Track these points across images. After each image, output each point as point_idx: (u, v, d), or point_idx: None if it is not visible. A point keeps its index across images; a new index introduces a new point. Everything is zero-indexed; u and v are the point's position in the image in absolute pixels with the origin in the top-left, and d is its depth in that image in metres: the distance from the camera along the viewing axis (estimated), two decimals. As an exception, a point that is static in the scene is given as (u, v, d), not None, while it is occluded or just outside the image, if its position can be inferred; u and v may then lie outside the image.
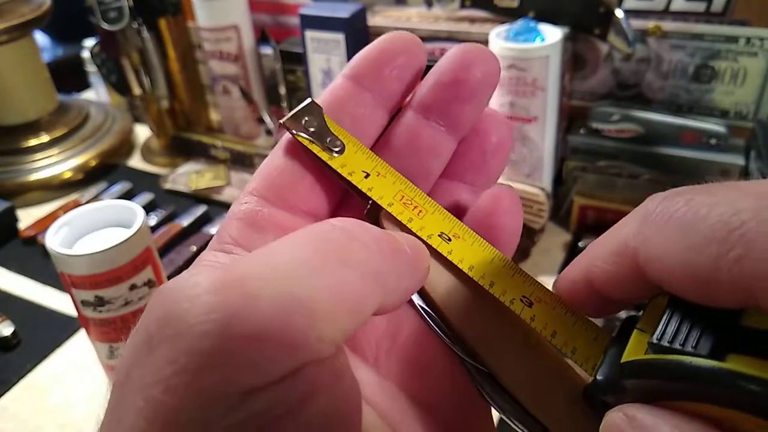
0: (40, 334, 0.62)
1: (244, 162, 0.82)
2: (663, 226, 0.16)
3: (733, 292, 0.15)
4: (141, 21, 0.79)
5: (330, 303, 0.16)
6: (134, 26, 0.78)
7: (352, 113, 0.23)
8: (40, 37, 1.32)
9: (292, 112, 0.22)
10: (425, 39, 0.75)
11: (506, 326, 0.21)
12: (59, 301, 0.66)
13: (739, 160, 0.64)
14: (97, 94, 1.03)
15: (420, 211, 0.22)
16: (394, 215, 0.22)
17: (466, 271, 0.21)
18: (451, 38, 0.73)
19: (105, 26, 0.77)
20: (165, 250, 0.69)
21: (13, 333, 0.61)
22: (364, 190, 0.22)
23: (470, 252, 0.21)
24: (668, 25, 0.66)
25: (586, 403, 0.19)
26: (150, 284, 0.45)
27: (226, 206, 0.77)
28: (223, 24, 0.80)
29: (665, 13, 0.67)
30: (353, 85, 0.23)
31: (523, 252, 0.66)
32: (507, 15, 0.70)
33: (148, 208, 0.76)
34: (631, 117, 0.67)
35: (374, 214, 0.22)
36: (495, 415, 0.22)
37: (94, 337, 0.46)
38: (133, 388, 0.15)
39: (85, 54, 0.98)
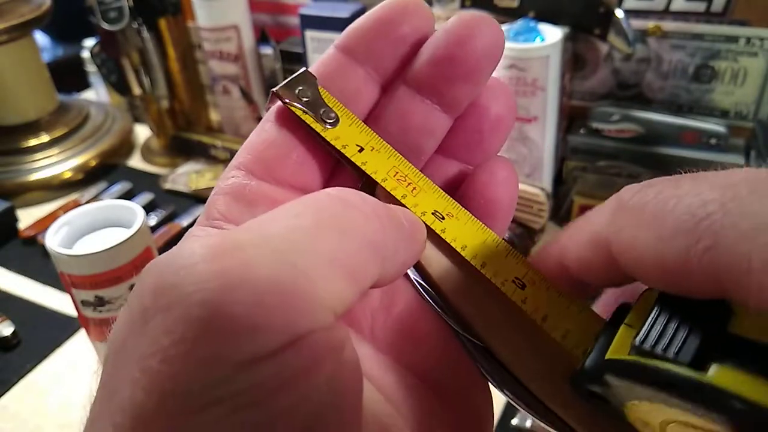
0: (40, 334, 0.62)
1: (244, 162, 0.82)
2: (635, 218, 0.16)
3: (705, 283, 0.15)
4: (141, 21, 0.79)
5: (329, 271, 0.15)
6: (134, 26, 0.78)
7: (341, 87, 0.22)
8: (40, 37, 1.32)
9: (286, 80, 0.21)
10: (425, 39, 0.75)
11: (503, 301, 0.21)
12: (59, 301, 0.66)
13: (739, 160, 0.64)
14: (97, 94, 1.03)
15: (414, 188, 0.21)
16: (388, 190, 0.21)
17: (459, 251, 0.21)
18: (451, 38, 0.73)
19: (105, 26, 0.77)
20: (165, 250, 0.68)
21: (13, 333, 0.61)
22: (357, 164, 0.21)
23: (464, 231, 0.21)
24: (668, 25, 0.66)
25: (574, 389, 0.19)
26: (150, 284, 0.45)
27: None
28: (223, 24, 0.80)
29: (665, 13, 0.67)
30: (344, 56, 0.22)
31: (523, 252, 0.66)
32: (507, 15, 0.70)
33: (148, 208, 0.76)
34: (631, 117, 0.67)
35: (369, 189, 0.21)
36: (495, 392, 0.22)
37: (94, 337, 0.45)
38: (129, 360, 0.14)
39: (85, 54, 0.98)
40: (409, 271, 0.22)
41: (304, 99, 0.21)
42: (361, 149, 0.21)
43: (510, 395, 0.20)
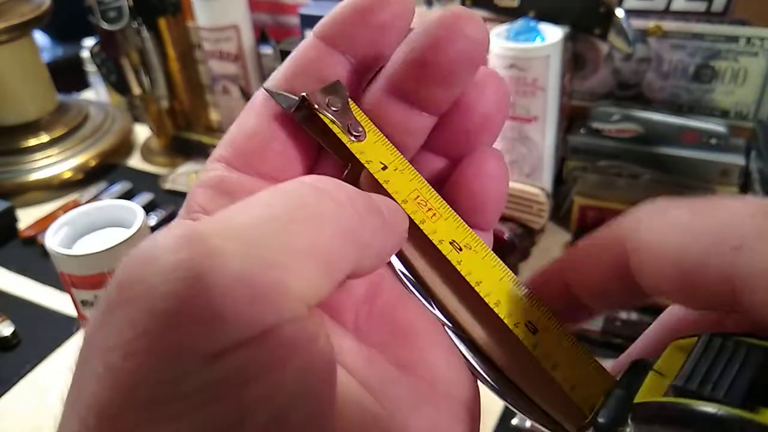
0: (40, 334, 0.62)
1: (244, 162, 0.82)
2: (657, 225, 0.17)
3: (718, 284, 0.15)
4: (141, 21, 0.79)
5: (301, 260, 0.15)
6: (134, 26, 0.78)
7: (321, 74, 0.21)
8: (40, 37, 1.32)
9: (321, 87, 0.21)
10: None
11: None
12: (59, 301, 0.66)
13: (739, 160, 0.64)
14: (96, 93, 1.03)
15: (434, 214, 0.21)
16: (408, 213, 0.21)
17: (473, 286, 0.20)
18: (451, 38, 0.73)
19: (105, 26, 0.77)
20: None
21: (13, 333, 0.61)
22: (381, 182, 0.21)
23: (480, 266, 0.21)
24: (669, 25, 0.66)
25: None
26: (150, 284, 0.45)
27: (226, 206, 0.77)
28: (223, 24, 0.80)
29: (666, 12, 0.67)
30: (323, 44, 0.21)
31: (523, 252, 0.66)
32: (507, 14, 0.70)
33: (148, 208, 0.76)
34: (631, 117, 0.67)
35: (354, 176, 0.21)
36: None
37: (94, 337, 0.46)
38: (93, 356, 0.14)
39: (85, 54, 0.98)
40: (393, 261, 0.21)
41: (333, 109, 0.20)
42: (385, 167, 0.21)
43: (494, 385, 0.20)
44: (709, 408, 0.14)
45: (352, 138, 0.20)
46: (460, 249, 0.21)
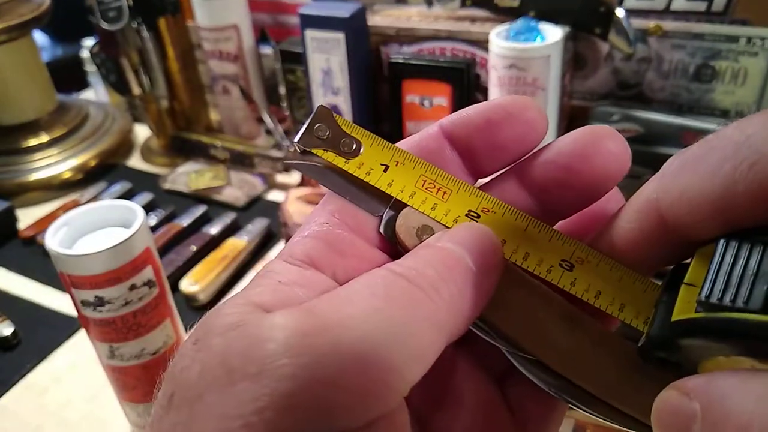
0: (40, 334, 0.62)
1: (244, 162, 0.82)
2: (680, 170, 0.17)
3: (752, 202, 0.15)
4: (140, 20, 0.79)
5: (403, 354, 0.16)
6: (134, 26, 0.78)
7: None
8: (40, 37, 1.32)
9: (304, 127, 0.21)
10: (425, 38, 0.75)
11: (542, 308, 0.20)
12: (59, 301, 0.66)
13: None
14: (96, 93, 1.03)
15: (444, 192, 0.21)
16: (417, 206, 0.21)
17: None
18: (452, 37, 0.73)
19: (104, 26, 0.77)
20: (165, 250, 0.69)
21: (13, 333, 0.61)
22: (383, 187, 0.21)
23: (502, 224, 0.20)
24: (669, 25, 0.66)
25: (643, 360, 0.18)
26: (150, 284, 0.45)
27: (225, 206, 0.77)
28: (223, 24, 0.80)
29: (666, 12, 0.67)
30: (445, 140, 0.21)
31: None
32: (507, 14, 0.70)
33: (148, 208, 0.76)
34: (631, 117, 0.67)
35: (390, 228, 0.21)
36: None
37: (95, 337, 0.45)
38: (209, 415, 0.15)
39: (85, 54, 0.98)
40: None
41: (323, 137, 0.21)
42: (386, 168, 0.21)
43: (571, 401, 0.20)
44: (731, 317, 0.15)
45: (350, 157, 0.21)
46: (478, 216, 0.21)
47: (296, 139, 0.21)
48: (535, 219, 0.20)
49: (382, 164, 0.21)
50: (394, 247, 0.21)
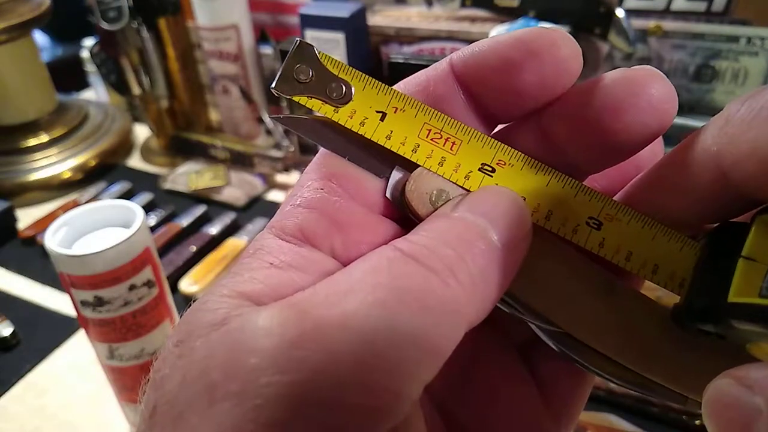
0: (40, 334, 0.62)
1: (244, 162, 0.82)
2: (751, 121, 0.14)
3: None
4: (140, 20, 0.79)
5: (413, 354, 0.14)
6: (134, 26, 0.78)
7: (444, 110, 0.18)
8: (40, 37, 1.32)
9: (281, 68, 0.18)
10: (425, 38, 0.75)
11: (573, 277, 0.18)
12: (59, 301, 0.66)
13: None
14: (96, 93, 1.03)
15: (453, 143, 0.18)
16: (422, 161, 0.18)
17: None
18: (452, 37, 0.73)
19: (104, 26, 0.77)
20: (164, 250, 0.69)
21: (13, 333, 0.61)
22: (380, 140, 0.18)
23: (521, 179, 0.18)
24: (669, 25, 0.66)
25: (679, 327, 0.16)
26: (149, 284, 0.45)
27: (225, 206, 0.77)
28: (223, 23, 0.80)
29: (666, 12, 0.66)
30: (455, 83, 0.18)
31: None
32: (507, 14, 0.70)
33: (148, 208, 0.76)
34: (631, 117, 0.67)
35: (398, 192, 0.18)
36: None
37: (94, 337, 0.45)
38: None
39: (85, 54, 0.98)
40: None
41: (305, 80, 0.18)
42: (384, 115, 0.18)
43: (608, 377, 0.18)
44: None
45: (339, 105, 0.18)
46: (493, 170, 0.18)
47: (273, 84, 0.18)
48: (558, 172, 0.18)
49: (378, 111, 0.18)
50: (403, 214, 0.18)
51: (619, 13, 0.64)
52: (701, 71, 0.66)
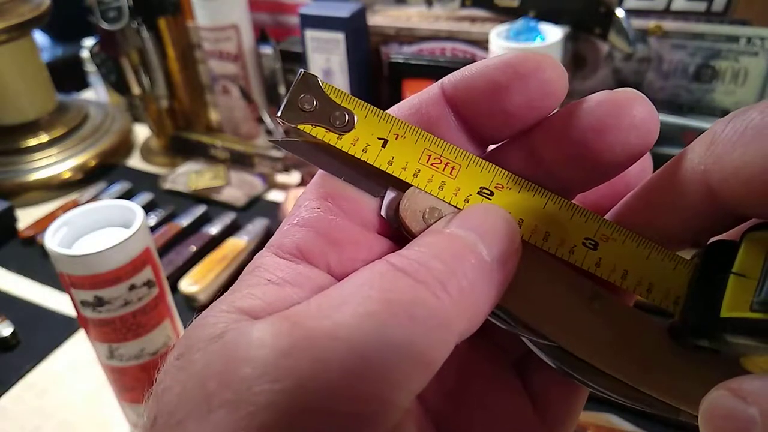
0: (40, 334, 0.62)
1: (244, 162, 0.82)
2: (736, 141, 0.15)
3: None
4: (140, 20, 0.79)
5: (403, 364, 0.14)
6: (134, 26, 0.78)
7: (435, 133, 0.19)
8: (40, 37, 1.32)
9: (286, 98, 0.18)
10: (425, 38, 0.75)
11: (565, 292, 0.18)
12: (59, 301, 0.66)
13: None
14: (96, 93, 1.03)
15: (452, 168, 0.18)
16: (423, 186, 0.18)
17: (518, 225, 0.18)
18: (452, 37, 0.73)
19: (104, 26, 0.77)
20: (164, 250, 0.69)
21: (13, 333, 0.61)
22: (383, 166, 0.18)
23: (519, 202, 0.18)
24: (669, 25, 0.66)
25: (675, 342, 0.17)
26: (149, 284, 0.45)
27: (225, 206, 0.77)
28: (223, 23, 0.80)
29: (666, 12, 0.66)
30: (445, 105, 0.19)
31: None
32: (507, 14, 0.70)
33: (148, 208, 0.76)
34: (631, 117, 0.67)
35: (393, 211, 0.19)
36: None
37: (94, 337, 0.45)
38: None
39: (85, 54, 0.98)
40: None
41: (309, 109, 0.18)
42: (385, 142, 0.18)
43: (598, 389, 0.19)
44: None
45: (342, 132, 0.18)
46: (491, 193, 0.18)
47: (278, 113, 0.19)
48: (555, 195, 0.18)
49: (379, 138, 0.18)
50: (397, 232, 0.19)
51: (619, 13, 0.64)
52: (701, 71, 0.66)
